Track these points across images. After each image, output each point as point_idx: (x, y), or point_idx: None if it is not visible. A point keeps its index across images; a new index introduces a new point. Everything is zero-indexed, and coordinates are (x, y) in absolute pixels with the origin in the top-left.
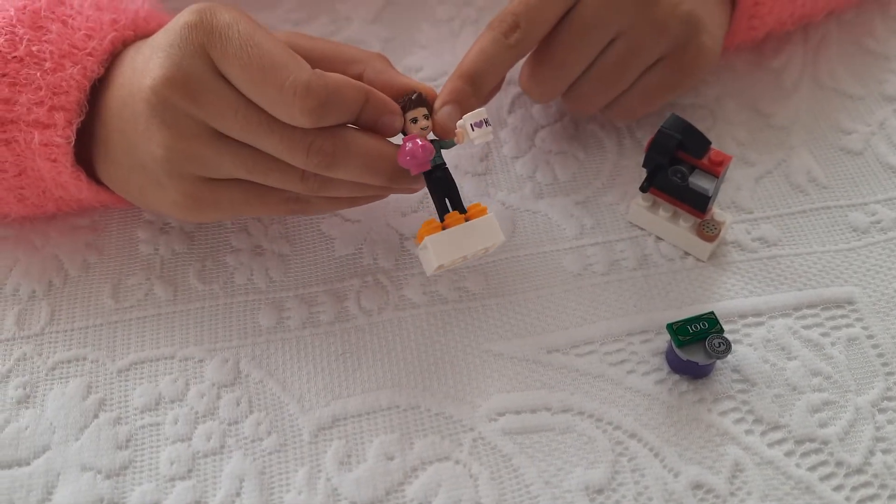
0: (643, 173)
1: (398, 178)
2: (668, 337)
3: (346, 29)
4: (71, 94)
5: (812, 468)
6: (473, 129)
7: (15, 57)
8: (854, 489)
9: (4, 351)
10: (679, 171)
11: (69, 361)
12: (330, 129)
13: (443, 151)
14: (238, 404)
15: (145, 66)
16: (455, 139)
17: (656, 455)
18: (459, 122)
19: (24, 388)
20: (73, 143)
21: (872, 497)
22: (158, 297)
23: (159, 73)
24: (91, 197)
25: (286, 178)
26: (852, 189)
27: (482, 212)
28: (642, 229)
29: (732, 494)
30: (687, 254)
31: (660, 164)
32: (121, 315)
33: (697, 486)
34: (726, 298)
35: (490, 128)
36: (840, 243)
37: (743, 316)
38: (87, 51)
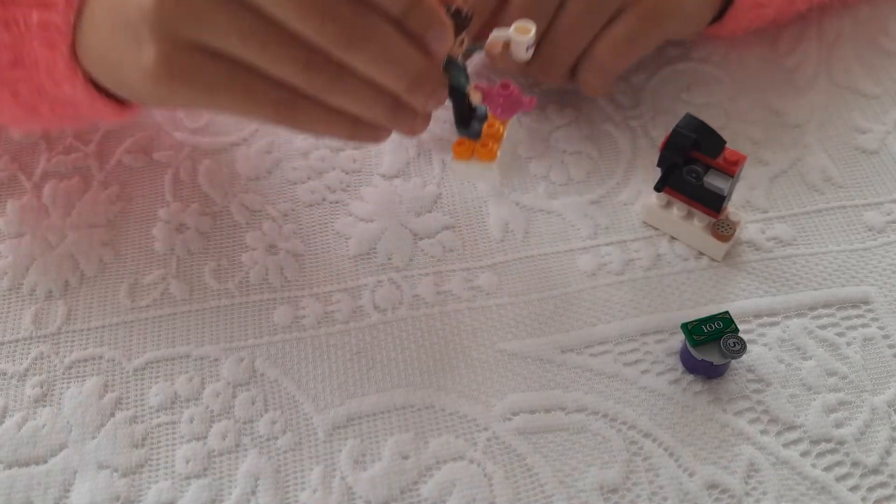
0: (657, 173)
1: (420, 85)
2: (682, 337)
3: None
4: None
5: (828, 468)
6: (527, 52)
7: None
8: (870, 489)
9: (22, 350)
10: (694, 170)
11: (85, 360)
12: (359, 3)
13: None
14: (253, 403)
15: None
16: (487, 50)
17: (671, 455)
18: (499, 34)
19: (42, 387)
20: (73, 27)
21: (889, 497)
22: (174, 296)
23: None
24: (84, 100)
25: (286, 59)
26: (868, 188)
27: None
28: (656, 229)
29: (747, 494)
30: (701, 254)
31: (674, 163)
32: (137, 314)
33: (712, 486)
34: (741, 298)
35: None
36: (855, 243)
37: (758, 315)
38: None
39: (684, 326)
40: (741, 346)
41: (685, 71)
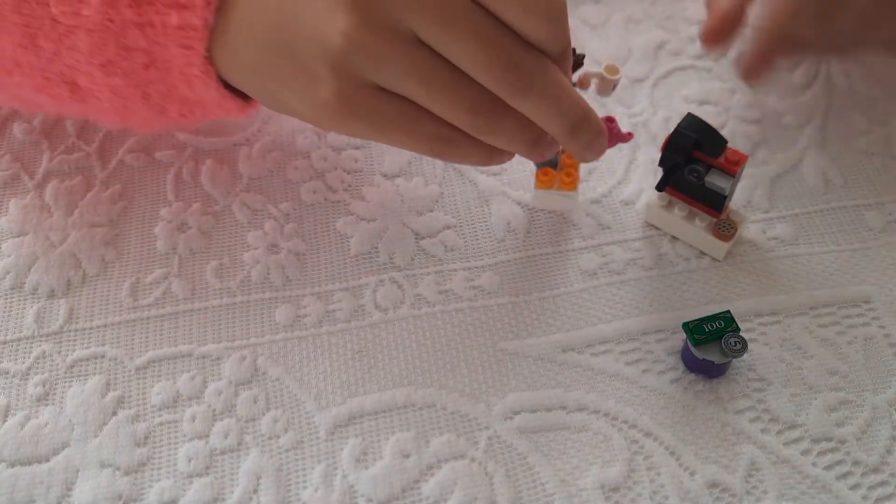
0: (659, 172)
1: (579, 131)
2: (683, 336)
3: None
4: None
5: (828, 467)
6: (612, 91)
7: None
8: (871, 488)
9: (24, 349)
10: (695, 170)
11: (87, 359)
12: (535, 51)
13: None
14: (255, 402)
15: None
16: (580, 85)
17: (672, 454)
18: (590, 72)
19: (44, 386)
20: (210, 28)
21: (889, 496)
22: (176, 295)
23: (353, 19)
24: (216, 100)
25: (455, 103)
26: (868, 188)
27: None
28: (658, 228)
29: (748, 493)
30: (703, 253)
31: (676, 163)
32: (139, 313)
33: (713, 485)
34: (742, 297)
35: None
36: (856, 242)
37: (759, 315)
38: None
39: (685, 325)
40: (742, 346)
41: (686, 69)
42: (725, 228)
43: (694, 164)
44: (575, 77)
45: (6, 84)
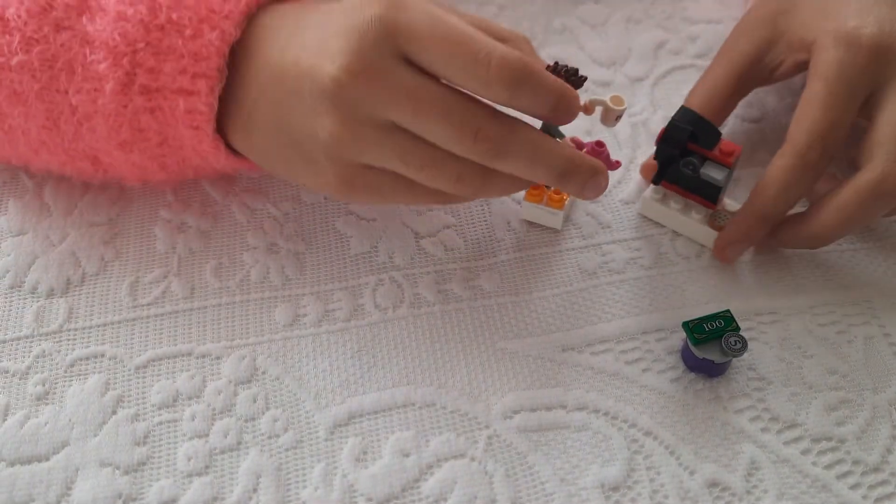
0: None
1: (570, 175)
2: (683, 335)
3: None
4: (211, 60)
5: (828, 466)
6: (615, 121)
7: (156, 25)
8: (871, 487)
9: (24, 348)
10: (691, 162)
11: (87, 358)
12: (502, 117)
13: None
14: (255, 401)
15: (322, 48)
16: (584, 110)
17: (672, 453)
18: (594, 98)
19: (44, 385)
20: (215, 108)
21: (890, 496)
22: (175, 294)
23: (342, 62)
24: (228, 165)
25: (440, 177)
26: None
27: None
28: (658, 225)
29: (748, 493)
30: (702, 252)
31: (671, 155)
32: (138, 312)
33: (713, 485)
34: (742, 296)
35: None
36: (856, 242)
37: (759, 314)
38: (224, 13)
39: (685, 325)
40: (742, 345)
41: (685, 69)
42: (722, 220)
43: (689, 156)
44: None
45: (33, 160)
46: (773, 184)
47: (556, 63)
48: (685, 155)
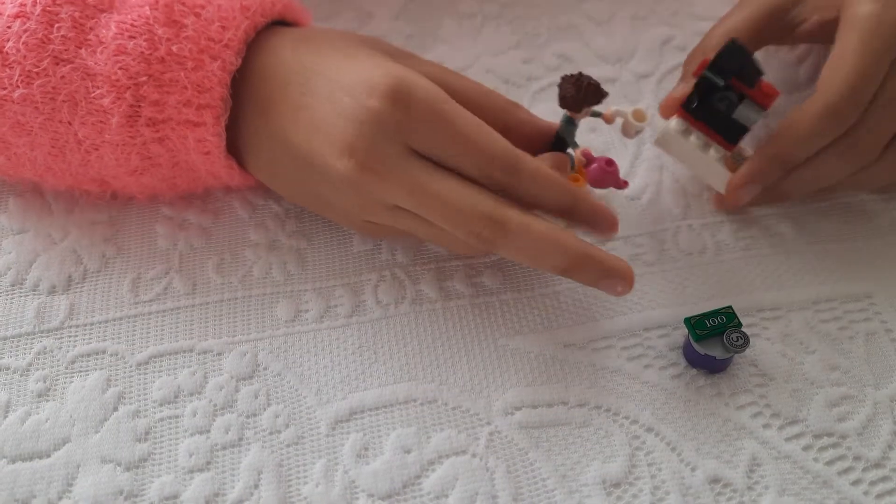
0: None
1: (571, 273)
2: (685, 331)
3: (369, 25)
4: (215, 90)
5: (830, 462)
6: (634, 135)
7: (157, 58)
8: (872, 483)
9: (25, 345)
10: (727, 97)
11: (88, 355)
12: (505, 210)
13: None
14: (256, 397)
15: (330, 132)
16: (605, 120)
17: (673, 449)
18: (617, 109)
19: (45, 382)
20: (223, 134)
21: (891, 491)
22: (177, 290)
23: (352, 163)
24: (242, 182)
25: (447, 245)
26: None
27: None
28: (659, 220)
29: (750, 489)
30: (705, 248)
31: (713, 86)
32: (140, 309)
33: (714, 481)
34: (745, 293)
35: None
36: (859, 237)
37: (761, 310)
38: (224, 42)
39: (687, 321)
40: (744, 341)
41: None
42: (738, 160)
43: (726, 91)
44: (602, 108)
45: (40, 184)
46: (799, 129)
47: (581, 74)
48: (725, 88)
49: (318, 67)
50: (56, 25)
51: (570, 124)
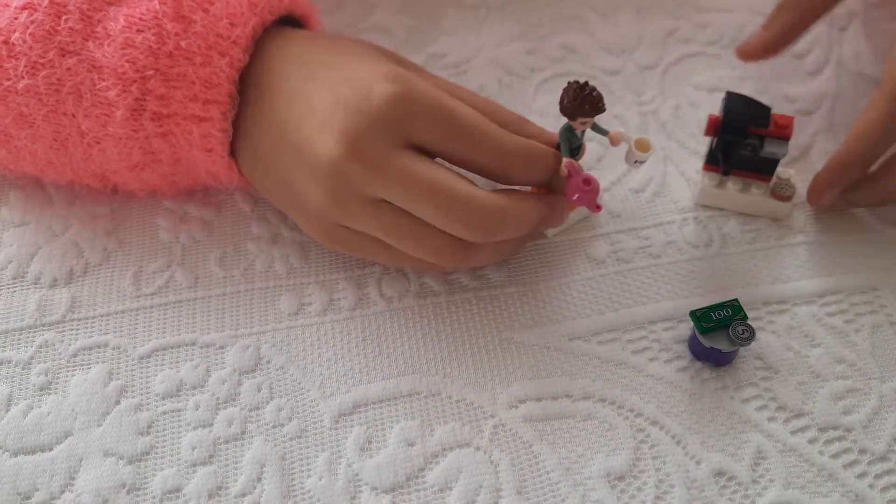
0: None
1: (547, 225)
2: (690, 324)
3: (371, 17)
4: (222, 86)
5: (835, 455)
6: (635, 164)
7: (165, 52)
8: (878, 476)
9: (27, 338)
10: (750, 144)
11: (90, 348)
12: (495, 198)
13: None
14: (259, 390)
15: (326, 121)
16: (610, 140)
17: (678, 442)
18: (623, 133)
19: (47, 375)
20: (229, 133)
21: None
22: (179, 284)
23: (343, 147)
24: (241, 184)
25: (420, 250)
26: None
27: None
28: (661, 215)
29: (755, 482)
30: (711, 241)
31: (731, 142)
32: (142, 302)
33: (720, 474)
34: (750, 286)
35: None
36: (865, 230)
37: (767, 303)
38: (232, 39)
39: (693, 314)
40: (750, 334)
41: (695, 56)
42: (784, 189)
43: (747, 138)
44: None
45: (40, 178)
46: (871, 128)
47: (586, 83)
48: (744, 137)
49: (323, 60)
50: (63, 17)
51: (568, 132)
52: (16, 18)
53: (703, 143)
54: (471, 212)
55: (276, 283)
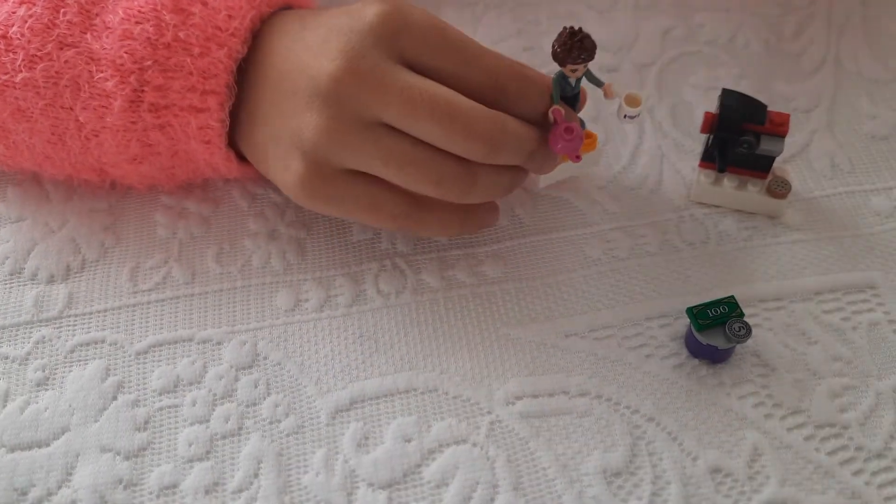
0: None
1: (534, 160)
2: (687, 321)
3: None
4: (220, 77)
5: (832, 453)
6: (624, 118)
7: (163, 43)
8: (874, 474)
9: (23, 334)
10: (746, 141)
11: (87, 344)
12: (495, 115)
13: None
14: (256, 386)
15: (323, 47)
16: (604, 93)
17: (674, 439)
18: (616, 88)
19: (44, 371)
20: (226, 123)
21: (893, 482)
22: (176, 279)
23: (341, 61)
24: (239, 174)
25: (421, 178)
26: (875, 173)
27: (593, 143)
28: (661, 211)
29: (751, 479)
30: (707, 238)
31: (726, 140)
32: (139, 298)
33: (716, 471)
34: (747, 283)
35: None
36: (862, 227)
37: (763, 300)
38: (230, 31)
39: (689, 311)
40: (747, 331)
41: (691, 54)
42: (779, 186)
43: (742, 135)
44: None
45: (38, 174)
46: None
47: (580, 29)
48: (740, 134)
49: (316, 14)
50: (62, 10)
51: (561, 79)
52: (14, 13)
53: (699, 141)
54: (471, 120)
55: (273, 279)
